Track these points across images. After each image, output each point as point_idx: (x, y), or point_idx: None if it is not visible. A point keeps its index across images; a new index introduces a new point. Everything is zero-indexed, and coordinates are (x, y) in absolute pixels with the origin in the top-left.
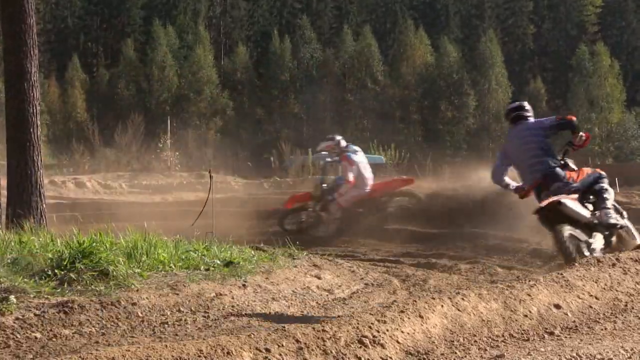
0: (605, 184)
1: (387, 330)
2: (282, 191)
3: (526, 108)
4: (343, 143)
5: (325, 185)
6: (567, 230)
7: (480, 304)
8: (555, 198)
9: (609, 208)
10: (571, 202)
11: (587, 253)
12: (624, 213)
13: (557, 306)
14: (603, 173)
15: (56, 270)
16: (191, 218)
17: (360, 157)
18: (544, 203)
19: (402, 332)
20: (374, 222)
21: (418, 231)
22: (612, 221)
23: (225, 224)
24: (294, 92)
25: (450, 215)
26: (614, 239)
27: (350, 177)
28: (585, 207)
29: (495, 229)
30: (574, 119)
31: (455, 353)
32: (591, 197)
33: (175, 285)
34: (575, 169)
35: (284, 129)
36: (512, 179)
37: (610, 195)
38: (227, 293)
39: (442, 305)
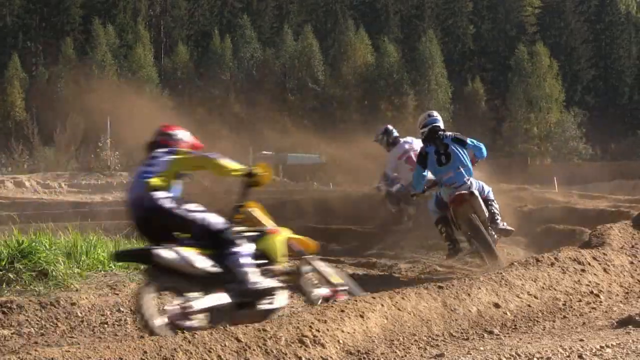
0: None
1: (328, 329)
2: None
3: None
4: None
5: None
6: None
7: (420, 304)
8: None
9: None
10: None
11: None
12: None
13: (497, 305)
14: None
15: None
16: None
17: None
18: None
19: (343, 331)
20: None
21: (359, 231)
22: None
23: None
24: (234, 92)
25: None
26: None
27: None
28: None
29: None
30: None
31: (396, 352)
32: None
33: (115, 285)
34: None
35: (224, 129)
36: None
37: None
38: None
39: (382, 305)
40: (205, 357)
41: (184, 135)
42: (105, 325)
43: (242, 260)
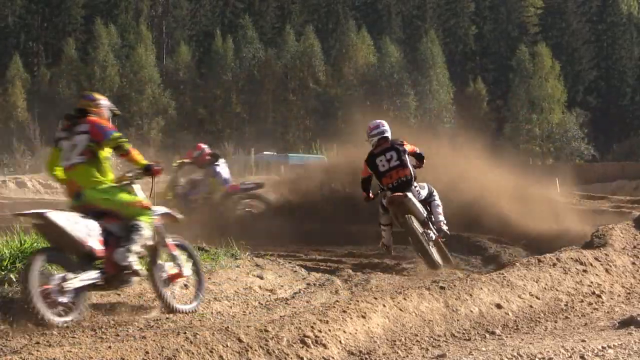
0: None
1: (330, 330)
2: None
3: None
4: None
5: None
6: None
7: (422, 304)
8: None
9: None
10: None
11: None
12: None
13: (498, 306)
14: None
15: None
16: None
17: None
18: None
19: (345, 332)
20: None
21: (362, 230)
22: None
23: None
24: (236, 92)
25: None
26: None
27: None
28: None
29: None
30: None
31: (397, 353)
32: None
33: None
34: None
35: (226, 129)
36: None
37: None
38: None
39: (384, 305)
40: (207, 358)
41: None
42: (107, 326)
43: None
